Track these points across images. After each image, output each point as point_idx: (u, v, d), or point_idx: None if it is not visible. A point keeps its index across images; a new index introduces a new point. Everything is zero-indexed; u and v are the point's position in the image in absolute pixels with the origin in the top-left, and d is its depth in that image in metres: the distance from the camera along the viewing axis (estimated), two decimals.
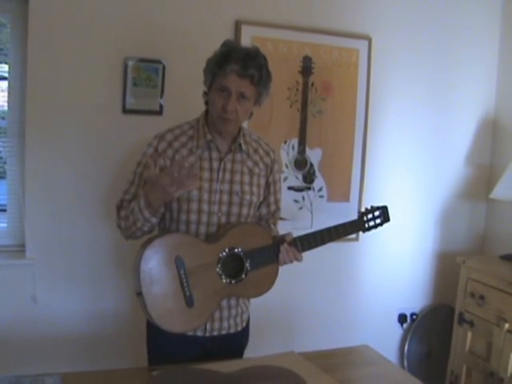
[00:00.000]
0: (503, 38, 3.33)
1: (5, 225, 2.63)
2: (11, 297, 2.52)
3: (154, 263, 1.74)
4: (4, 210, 2.64)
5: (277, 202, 2.11)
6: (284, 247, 1.89)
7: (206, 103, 1.95)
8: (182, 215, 1.89)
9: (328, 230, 1.98)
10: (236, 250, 1.84)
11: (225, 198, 1.91)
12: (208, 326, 1.93)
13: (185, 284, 1.76)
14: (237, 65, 1.79)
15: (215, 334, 1.95)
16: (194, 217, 1.88)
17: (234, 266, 1.85)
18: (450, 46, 3.22)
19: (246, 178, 1.96)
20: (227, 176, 1.92)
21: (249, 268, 1.85)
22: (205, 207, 1.88)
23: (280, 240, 1.92)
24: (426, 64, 3.16)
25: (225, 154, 1.93)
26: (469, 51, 3.27)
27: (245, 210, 1.94)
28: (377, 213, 2.06)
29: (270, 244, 1.90)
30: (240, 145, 1.95)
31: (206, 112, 1.95)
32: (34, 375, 1.63)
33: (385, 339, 3.17)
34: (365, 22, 3.00)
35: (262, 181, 2.02)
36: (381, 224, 2.07)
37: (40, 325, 2.55)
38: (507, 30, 3.31)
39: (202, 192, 1.87)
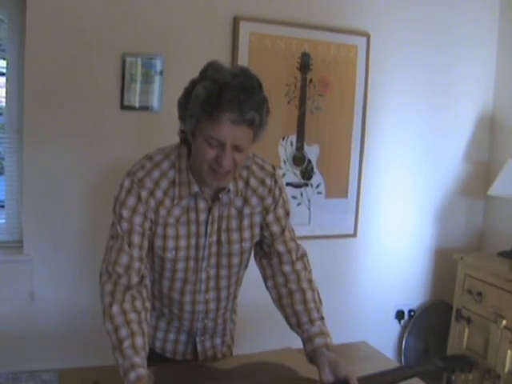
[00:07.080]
0: (501, 36, 3.33)
1: (3, 221, 2.64)
2: (9, 293, 2.52)
3: None
4: (2, 206, 2.64)
5: (293, 238, 1.72)
6: None
7: (183, 141, 1.55)
8: (166, 273, 1.62)
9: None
10: None
11: (213, 249, 1.63)
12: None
13: None
14: (232, 112, 1.37)
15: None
16: (180, 275, 1.62)
17: None
18: (448, 44, 3.21)
19: (234, 223, 1.63)
20: (214, 226, 1.60)
21: None
22: (191, 265, 1.62)
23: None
24: (424, 61, 3.16)
25: (212, 201, 1.57)
26: (467, 48, 3.27)
27: (235, 260, 1.67)
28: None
29: None
30: (228, 190, 1.57)
31: (189, 149, 1.54)
32: (30, 371, 1.64)
33: (382, 335, 3.18)
34: (363, 18, 3.00)
35: (257, 219, 1.66)
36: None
37: (37, 321, 2.55)
38: (505, 28, 3.30)
39: (189, 250, 1.59)
